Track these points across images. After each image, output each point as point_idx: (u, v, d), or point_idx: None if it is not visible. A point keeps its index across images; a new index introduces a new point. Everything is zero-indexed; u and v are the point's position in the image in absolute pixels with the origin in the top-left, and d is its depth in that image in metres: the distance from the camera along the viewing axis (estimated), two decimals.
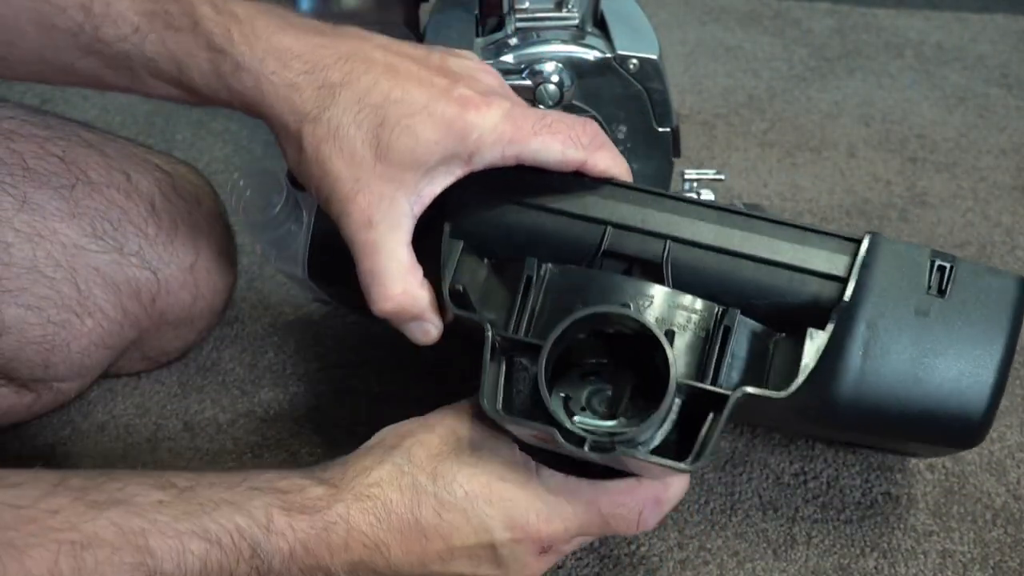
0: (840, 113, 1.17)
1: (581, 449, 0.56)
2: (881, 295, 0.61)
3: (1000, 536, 0.71)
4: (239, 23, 0.60)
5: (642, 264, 0.63)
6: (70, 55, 0.62)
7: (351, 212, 0.60)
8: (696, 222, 0.63)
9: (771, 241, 0.62)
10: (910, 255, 0.62)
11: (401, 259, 0.60)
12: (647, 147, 0.82)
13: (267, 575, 0.58)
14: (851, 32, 1.33)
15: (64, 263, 0.71)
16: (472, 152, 0.60)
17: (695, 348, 0.60)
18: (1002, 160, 1.10)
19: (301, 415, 0.80)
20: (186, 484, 0.58)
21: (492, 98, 0.61)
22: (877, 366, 0.60)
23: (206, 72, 0.61)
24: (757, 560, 0.69)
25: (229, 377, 0.83)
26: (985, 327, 0.61)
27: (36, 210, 0.70)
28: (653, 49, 0.80)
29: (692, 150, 1.10)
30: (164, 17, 0.60)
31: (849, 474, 0.75)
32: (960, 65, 1.26)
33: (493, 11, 0.83)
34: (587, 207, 0.63)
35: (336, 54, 0.61)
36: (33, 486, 0.54)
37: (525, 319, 0.61)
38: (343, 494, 0.60)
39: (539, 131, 0.61)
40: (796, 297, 0.62)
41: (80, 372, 0.75)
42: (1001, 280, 0.62)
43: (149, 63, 0.61)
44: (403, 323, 0.62)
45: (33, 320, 0.70)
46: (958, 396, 0.60)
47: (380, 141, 0.59)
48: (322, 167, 0.60)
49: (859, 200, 1.03)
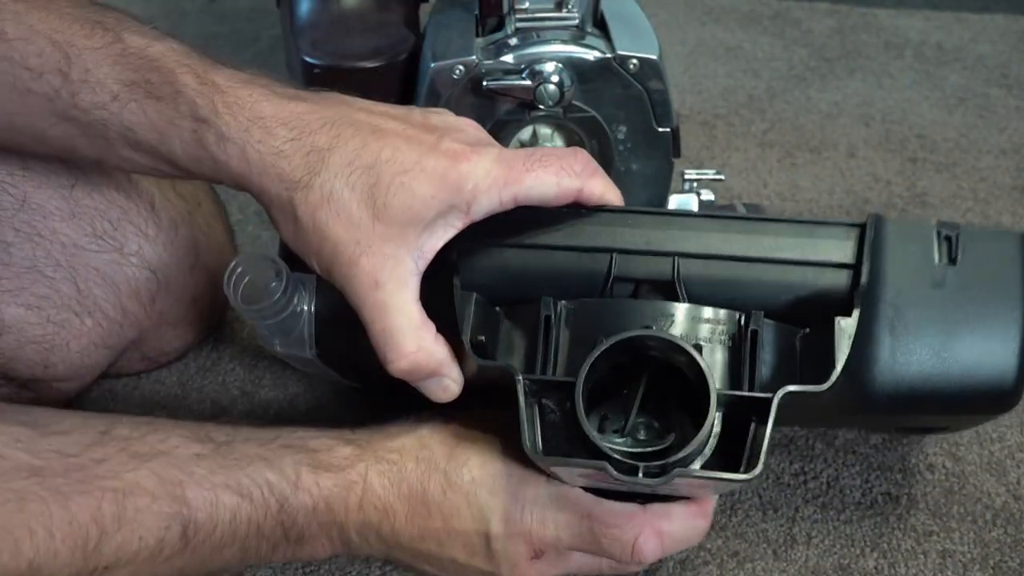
0: (840, 113, 1.17)
1: (636, 477, 0.56)
2: (896, 274, 0.61)
3: (1000, 536, 0.71)
4: (222, 93, 0.60)
5: (654, 284, 0.63)
6: (44, 121, 0.61)
7: (356, 276, 0.59)
8: (700, 234, 0.63)
9: (776, 239, 0.62)
10: (915, 230, 0.62)
11: (412, 316, 0.60)
12: (647, 147, 0.82)
13: (291, 528, 0.61)
14: (851, 32, 1.33)
15: (64, 263, 0.71)
16: (469, 201, 0.60)
17: (724, 358, 0.60)
18: (1002, 160, 1.10)
19: (301, 415, 0.80)
20: (224, 439, 0.62)
21: (479, 147, 0.61)
22: (906, 343, 0.60)
23: (188, 142, 0.60)
24: (757, 560, 0.69)
25: (229, 377, 0.83)
26: (1001, 288, 0.61)
27: (36, 210, 0.70)
28: (653, 49, 0.80)
29: (692, 150, 1.10)
30: (145, 86, 0.60)
31: (849, 474, 0.75)
32: (960, 65, 1.26)
33: (493, 11, 0.83)
34: (590, 238, 0.63)
35: (321, 119, 0.60)
36: (81, 433, 0.59)
37: (551, 359, 0.60)
38: (366, 455, 0.63)
39: (531, 167, 0.60)
40: (812, 290, 0.62)
41: (80, 372, 0.75)
42: (1005, 240, 0.62)
43: (127, 132, 0.61)
44: (421, 381, 0.62)
45: (33, 320, 0.70)
46: (989, 361, 0.60)
47: (376, 201, 0.59)
48: (320, 234, 0.59)
49: (859, 200, 1.03)
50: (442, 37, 0.83)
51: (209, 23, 1.34)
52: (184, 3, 1.39)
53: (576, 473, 0.57)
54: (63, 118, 0.61)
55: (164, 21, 1.34)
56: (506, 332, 0.63)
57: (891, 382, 0.60)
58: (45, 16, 0.60)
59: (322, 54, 0.89)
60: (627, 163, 0.83)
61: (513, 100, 0.80)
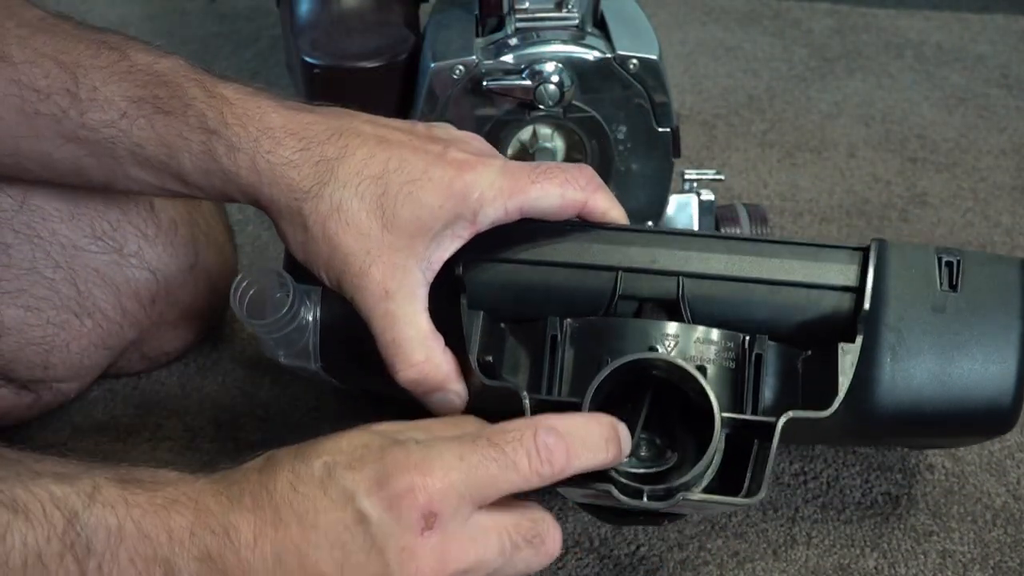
0: (840, 113, 1.17)
1: (640, 501, 0.56)
2: (898, 298, 0.61)
3: (1000, 536, 0.71)
4: (230, 105, 0.60)
5: (658, 303, 0.63)
6: (50, 144, 0.61)
7: (367, 286, 0.59)
8: (705, 254, 0.63)
9: (781, 262, 0.63)
10: (917, 255, 0.63)
11: (422, 327, 0.60)
12: (647, 147, 0.82)
13: (86, 558, 0.47)
14: (851, 32, 1.33)
15: (63, 264, 0.71)
16: (475, 211, 0.60)
17: (727, 379, 0.61)
18: (1002, 160, 1.10)
19: (301, 415, 0.80)
20: (14, 456, 0.51)
21: (484, 158, 0.61)
22: (906, 368, 0.61)
23: (198, 155, 0.60)
24: (757, 560, 0.69)
25: (229, 377, 0.83)
26: (1000, 314, 0.61)
27: (35, 211, 0.70)
28: (653, 49, 0.80)
29: (692, 150, 1.10)
30: (153, 101, 0.60)
31: (849, 474, 0.75)
32: (960, 65, 1.26)
33: (493, 11, 0.83)
34: (595, 255, 0.63)
35: (328, 129, 0.61)
36: None
37: (557, 379, 0.61)
38: (198, 479, 0.51)
39: (536, 179, 0.61)
40: (815, 313, 0.63)
41: (80, 372, 0.75)
42: (1006, 266, 0.63)
43: (136, 149, 0.61)
44: (426, 394, 0.61)
45: (32, 321, 0.70)
46: (987, 385, 0.61)
47: (385, 211, 0.59)
48: (331, 244, 0.60)
49: (859, 200, 1.03)
50: (442, 37, 0.83)
51: (209, 23, 1.34)
52: (184, 3, 1.39)
53: (582, 494, 0.58)
54: (70, 139, 0.61)
55: (164, 21, 1.34)
56: (511, 349, 0.63)
57: (891, 405, 0.61)
58: (50, 39, 0.61)
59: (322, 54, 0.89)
60: (627, 163, 0.83)
61: (513, 100, 0.80)
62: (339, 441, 0.52)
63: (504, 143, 0.82)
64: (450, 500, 0.50)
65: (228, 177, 0.61)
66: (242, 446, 0.77)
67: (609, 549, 0.70)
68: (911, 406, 0.61)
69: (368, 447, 0.51)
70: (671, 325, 0.61)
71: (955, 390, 0.61)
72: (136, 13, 1.36)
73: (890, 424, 0.62)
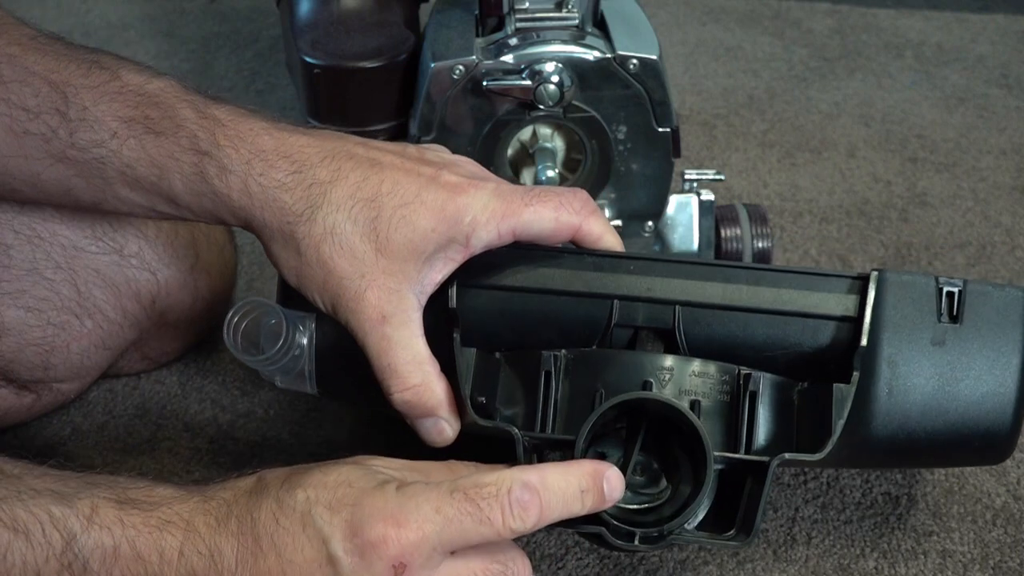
0: (840, 113, 1.17)
1: (631, 543, 0.57)
2: (896, 331, 0.61)
3: (1000, 536, 0.71)
4: (222, 126, 0.60)
5: (654, 332, 0.63)
6: (39, 164, 0.61)
7: (363, 310, 0.59)
8: (701, 283, 0.63)
9: (778, 291, 0.63)
10: (917, 285, 0.62)
11: (419, 350, 0.60)
12: (647, 147, 0.82)
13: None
14: (851, 32, 1.33)
15: (64, 265, 0.71)
16: (468, 234, 0.60)
17: (721, 413, 0.60)
18: (1002, 160, 1.10)
19: (301, 415, 0.80)
20: (15, 471, 0.53)
21: (477, 180, 0.61)
22: (902, 402, 0.60)
23: (189, 176, 0.60)
24: (757, 560, 0.69)
25: (229, 377, 0.83)
26: (1000, 345, 0.61)
27: (35, 212, 0.70)
28: (653, 49, 0.80)
29: (692, 150, 1.10)
30: (144, 122, 0.60)
31: (849, 474, 0.75)
32: (960, 65, 1.26)
33: (493, 11, 0.83)
34: (590, 283, 0.63)
35: (321, 152, 0.60)
36: None
37: (551, 415, 0.60)
38: (191, 496, 0.54)
39: (530, 202, 0.60)
40: (812, 343, 0.62)
41: (80, 373, 0.75)
42: (1007, 295, 0.62)
43: (126, 170, 0.60)
44: (418, 419, 0.61)
45: (33, 322, 0.70)
46: (984, 417, 0.61)
47: (379, 234, 0.59)
48: (325, 268, 0.59)
49: (859, 200, 1.03)
50: (442, 37, 0.83)
51: (209, 23, 1.34)
52: (184, 3, 1.39)
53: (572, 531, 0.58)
54: (60, 159, 0.60)
55: (164, 21, 1.34)
56: (505, 381, 0.62)
57: (885, 439, 0.61)
58: (41, 58, 0.60)
59: (322, 54, 0.89)
60: (627, 163, 0.83)
61: (513, 100, 0.80)
62: (327, 474, 0.54)
63: (504, 143, 0.82)
64: (422, 551, 0.52)
65: (219, 199, 0.60)
66: (242, 446, 0.77)
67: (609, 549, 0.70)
68: (906, 440, 0.61)
69: (351, 487, 0.53)
70: (667, 358, 0.60)
71: (951, 424, 0.61)
72: (136, 13, 1.36)
73: (883, 456, 0.62)
